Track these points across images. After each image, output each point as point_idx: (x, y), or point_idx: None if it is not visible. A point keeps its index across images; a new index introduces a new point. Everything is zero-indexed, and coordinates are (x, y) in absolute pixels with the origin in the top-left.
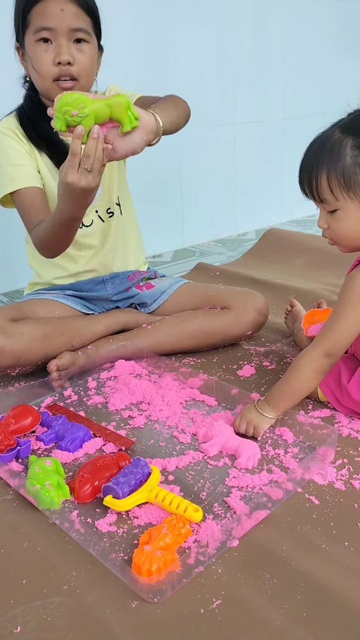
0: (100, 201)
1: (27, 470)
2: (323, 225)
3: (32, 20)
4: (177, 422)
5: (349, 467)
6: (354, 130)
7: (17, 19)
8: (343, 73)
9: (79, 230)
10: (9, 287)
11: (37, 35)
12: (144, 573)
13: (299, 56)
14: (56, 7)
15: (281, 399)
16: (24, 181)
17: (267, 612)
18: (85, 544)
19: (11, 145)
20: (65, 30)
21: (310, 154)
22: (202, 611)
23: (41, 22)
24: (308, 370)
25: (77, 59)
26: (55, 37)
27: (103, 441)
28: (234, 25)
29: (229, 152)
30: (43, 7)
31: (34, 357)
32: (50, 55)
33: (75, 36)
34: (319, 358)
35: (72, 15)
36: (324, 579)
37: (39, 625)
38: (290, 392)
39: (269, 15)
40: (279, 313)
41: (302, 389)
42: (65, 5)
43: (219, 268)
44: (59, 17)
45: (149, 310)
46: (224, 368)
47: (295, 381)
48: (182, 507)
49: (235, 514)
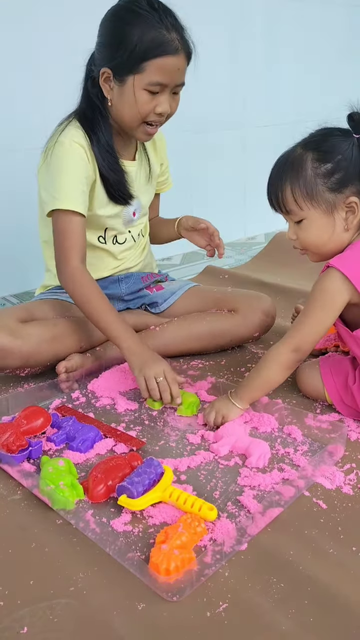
0: (136, 228)
1: (40, 471)
2: (292, 236)
3: (148, 71)
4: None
5: (357, 472)
6: (314, 145)
7: (128, 57)
8: (354, 76)
9: (113, 245)
10: (20, 289)
11: (151, 87)
12: (162, 572)
13: (311, 58)
14: (175, 65)
15: (249, 390)
16: (79, 206)
17: (274, 616)
18: (101, 543)
19: (79, 163)
20: (173, 86)
21: (275, 170)
22: (209, 614)
23: (159, 78)
24: (275, 363)
25: (172, 109)
26: (163, 91)
27: (114, 442)
28: (245, 27)
29: (239, 155)
30: (164, 63)
31: (42, 359)
32: (153, 103)
33: (176, 89)
34: (287, 353)
35: (182, 72)
36: (331, 583)
37: (45, 626)
38: (259, 384)
39: (280, 17)
40: (287, 316)
41: (269, 381)
42: (182, 64)
43: (227, 271)
44: (174, 75)
45: (159, 310)
46: (231, 370)
47: (263, 373)
48: (197, 505)
49: (249, 513)
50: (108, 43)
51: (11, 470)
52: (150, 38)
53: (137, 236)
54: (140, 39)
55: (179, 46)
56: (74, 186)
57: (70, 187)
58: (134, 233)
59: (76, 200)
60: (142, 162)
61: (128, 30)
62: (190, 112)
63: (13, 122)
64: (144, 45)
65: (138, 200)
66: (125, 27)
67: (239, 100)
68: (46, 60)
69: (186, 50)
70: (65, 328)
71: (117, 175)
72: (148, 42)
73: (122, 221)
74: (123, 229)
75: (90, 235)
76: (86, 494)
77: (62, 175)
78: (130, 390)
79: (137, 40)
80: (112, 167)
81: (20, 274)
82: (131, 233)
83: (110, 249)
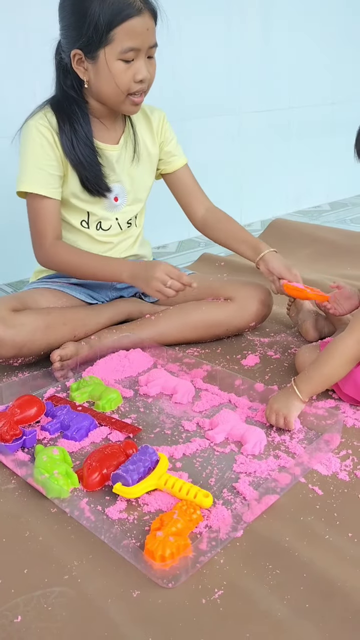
0: (123, 213)
1: (34, 460)
2: None
3: (117, 39)
4: (182, 410)
5: (353, 458)
6: None
7: (93, 31)
8: (350, 61)
9: (97, 231)
10: (14, 278)
11: (124, 56)
12: (157, 559)
13: (306, 44)
14: (143, 26)
15: (309, 384)
16: (46, 190)
17: (270, 602)
18: (96, 531)
19: (43, 147)
20: (146, 49)
21: None
22: (204, 601)
23: (130, 43)
24: (342, 357)
25: (151, 74)
26: (138, 56)
27: (109, 430)
28: (240, 12)
29: (234, 141)
30: (131, 26)
31: (36, 348)
32: (131, 72)
33: (150, 52)
34: (356, 345)
35: (152, 32)
36: (327, 569)
37: (40, 614)
38: (320, 378)
39: (276, 2)
40: (284, 304)
41: (333, 375)
42: (149, 22)
43: (224, 259)
44: (144, 37)
45: (153, 299)
46: (227, 358)
47: (326, 367)
48: (192, 493)
49: (245, 500)
50: (71, 24)
51: (5, 460)
52: (110, 5)
53: (125, 224)
54: (101, 9)
55: (142, 6)
56: (36, 168)
57: (32, 169)
58: (121, 220)
59: (38, 183)
60: (128, 143)
61: (87, 4)
62: (185, 98)
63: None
64: (106, 15)
65: (120, 185)
66: (84, 3)
67: (234, 86)
68: (25, 47)
69: (150, 9)
70: (58, 317)
71: (92, 170)
72: (109, 10)
73: (103, 206)
74: (108, 215)
75: (73, 219)
76: (81, 482)
77: (26, 157)
78: (125, 378)
79: (99, 11)
80: (87, 160)
81: (14, 263)
82: (118, 220)
83: (93, 234)
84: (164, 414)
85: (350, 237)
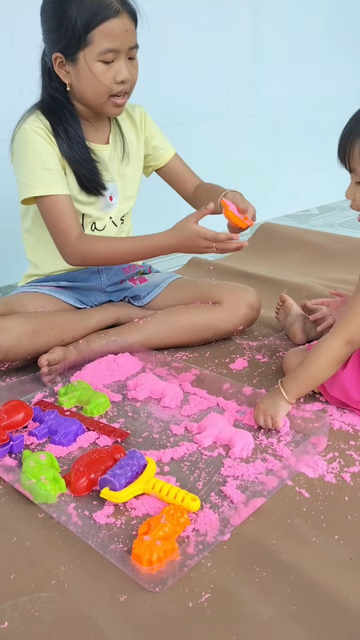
0: (116, 212)
1: (22, 465)
2: (349, 196)
3: (95, 41)
4: (170, 414)
5: (340, 461)
6: None
7: (72, 33)
8: (338, 66)
9: (91, 232)
10: (2, 283)
11: (103, 57)
12: (144, 563)
13: (294, 49)
14: (121, 28)
15: (296, 385)
16: (57, 188)
17: (256, 605)
18: (84, 536)
19: (43, 146)
20: (126, 50)
21: (349, 125)
22: (191, 605)
23: (108, 45)
24: (328, 358)
25: (132, 75)
26: (117, 57)
27: (97, 434)
28: (229, 16)
29: (223, 145)
30: (109, 28)
31: (22, 352)
32: (111, 73)
33: (131, 54)
34: (340, 346)
35: (131, 33)
36: (313, 572)
37: (26, 620)
38: (306, 379)
39: (265, 6)
40: (272, 307)
41: (318, 376)
42: (128, 24)
43: (212, 262)
44: (123, 38)
45: (142, 303)
46: (216, 362)
47: (311, 368)
48: (180, 497)
49: (232, 503)
50: (51, 28)
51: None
52: (87, 7)
53: (118, 221)
54: (78, 11)
55: (120, 7)
56: (42, 170)
57: (39, 171)
58: (115, 218)
59: (47, 184)
60: (117, 143)
61: (65, 7)
62: (173, 103)
63: None
64: (84, 17)
65: (114, 184)
66: (62, 6)
67: (222, 91)
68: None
69: (129, 10)
70: (46, 321)
71: (89, 167)
72: (86, 12)
73: (99, 207)
74: (102, 215)
75: None
76: (68, 488)
77: (27, 160)
78: (113, 382)
79: (76, 13)
80: (82, 159)
81: (2, 268)
82: (112, 219)
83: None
84: (152, 418)
85: (338, 241)
